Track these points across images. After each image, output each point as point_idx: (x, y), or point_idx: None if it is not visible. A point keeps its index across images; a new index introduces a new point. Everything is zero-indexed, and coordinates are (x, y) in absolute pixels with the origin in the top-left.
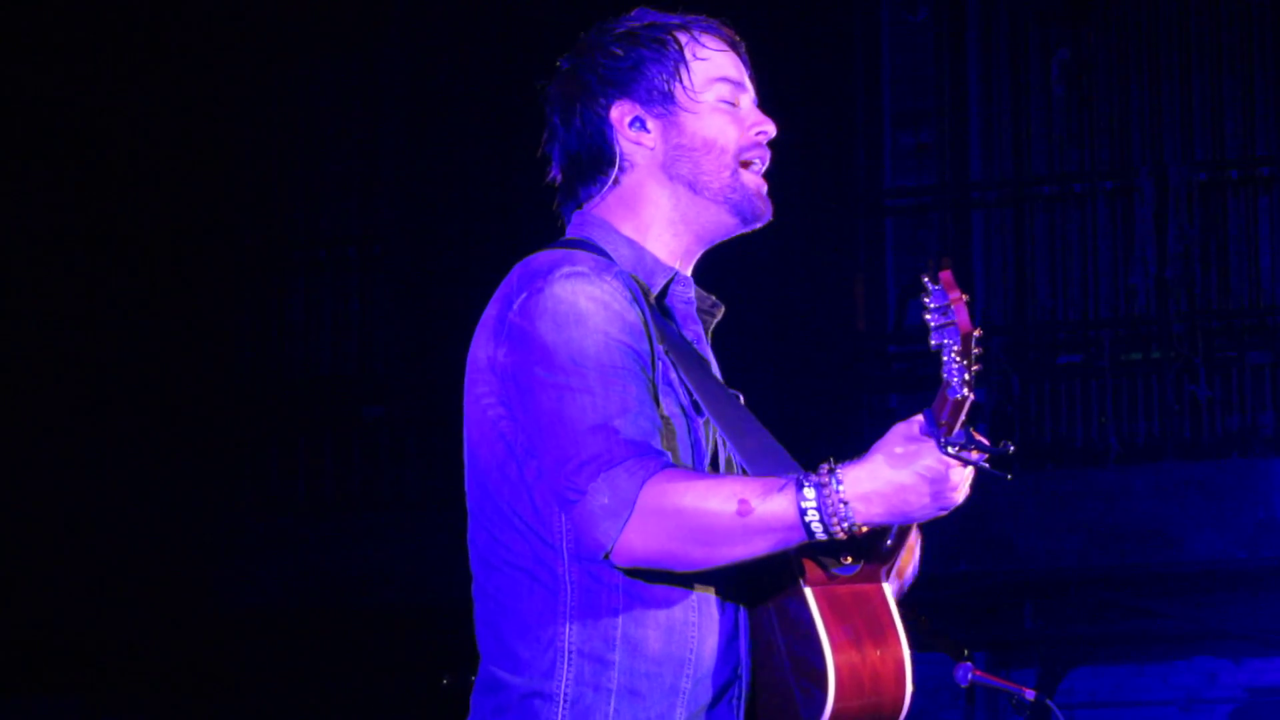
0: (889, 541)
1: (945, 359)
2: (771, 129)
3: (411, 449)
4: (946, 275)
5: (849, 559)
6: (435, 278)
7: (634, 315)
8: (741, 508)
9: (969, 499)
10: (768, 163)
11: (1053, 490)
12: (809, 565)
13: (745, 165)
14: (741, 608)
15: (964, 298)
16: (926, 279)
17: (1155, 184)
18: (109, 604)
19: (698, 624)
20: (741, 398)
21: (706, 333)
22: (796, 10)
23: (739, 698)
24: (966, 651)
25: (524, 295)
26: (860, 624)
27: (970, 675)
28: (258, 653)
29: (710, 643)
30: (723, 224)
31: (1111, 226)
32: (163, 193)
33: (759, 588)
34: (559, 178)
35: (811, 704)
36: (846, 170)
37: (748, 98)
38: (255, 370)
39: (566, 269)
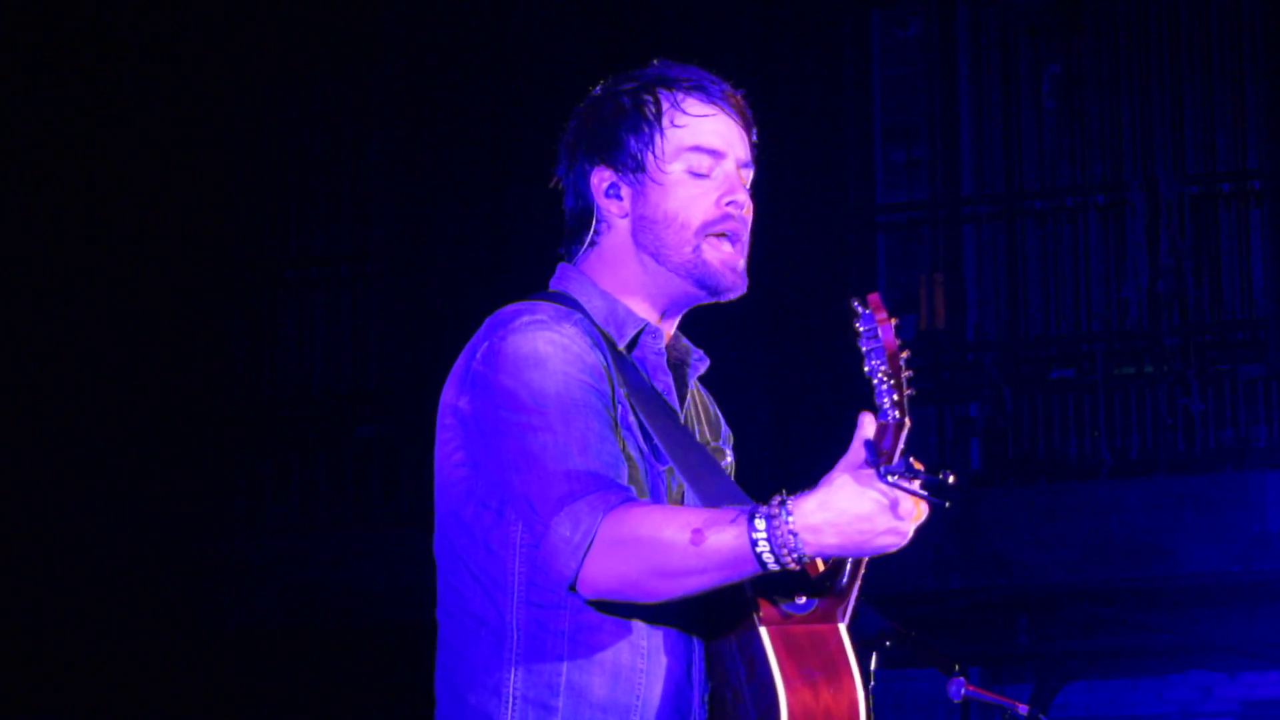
0: (843, 579)
1: (875, 383)
2: (743, 199)
3: (404, 468)
4: (874, 297)
5: (803, 598)
6: (428, 296)
7: (593, 358)
8: (694, 538)
9: (955, 512)
10: (743, 235)
11: (1046, 505)
12: (764, 604)
13: (718, 237)
14: (696, 656)
15: (891, 320)
16: (855, 303)
17: (1147, 197)
18: (100, 623)
19: (645, 670)
20: (729, 445)
21: (686, 383)
22: (787, 26)
23: None
24: (958, 666)
25: (486, 344)
26: (814, 664)
27: (964, 690)
28: (250, 672)
29: (657, 689)
30: (688, 294)
31: (1103, 240)
32: (154, 210)
33: (717, 632)
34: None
35: None
36: (838, 186)
37: (724, 167)
38: (248, 389)
39: (526, 318)
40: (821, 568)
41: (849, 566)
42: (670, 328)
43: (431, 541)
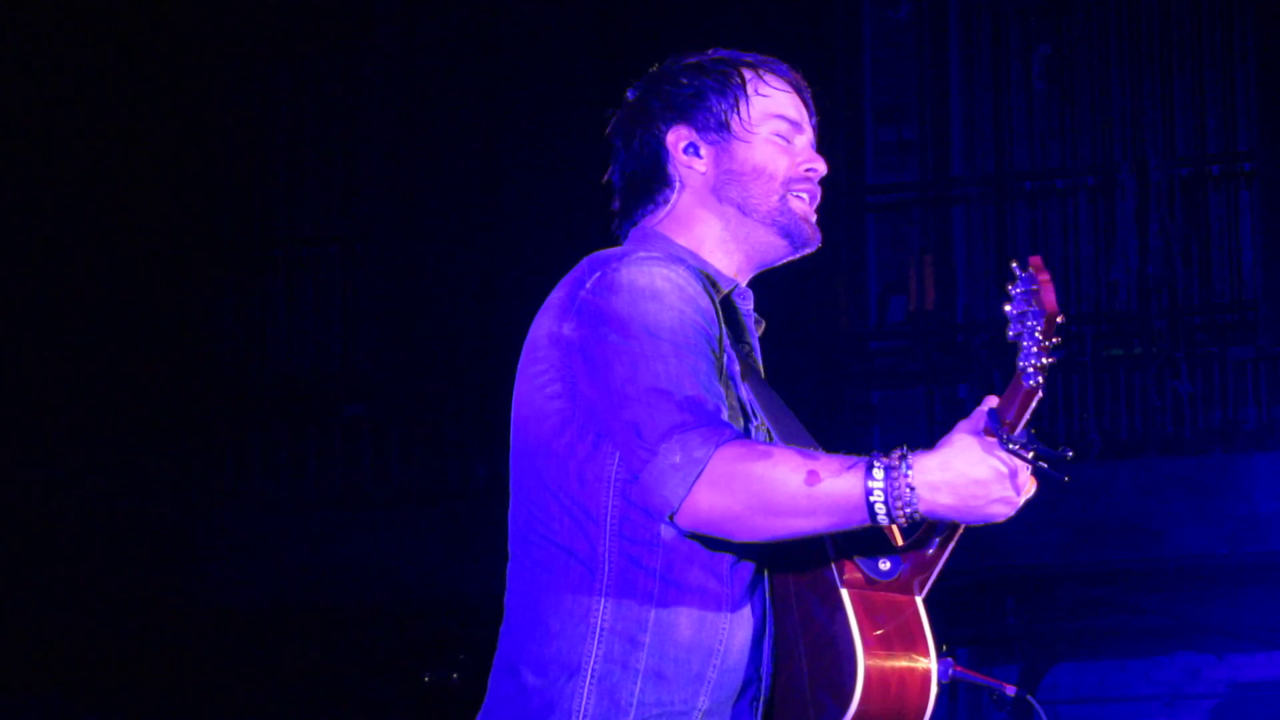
0: (930, 549)
1: (1025, 344)
2: (822, 167)
3: (394, 447)
4: (1036, 260)
5: (886, 564)
6: (418, 276)
7: (706, 302)
8: (810, 478)
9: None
10: (818, 199)
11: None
12: (848, 566)
13: (794, 195)
14: (769, 609)
15: (1052, 282)
16: (1015, 265)
17: (1137, 179)
18: (89, 601)
19: (730, 617)
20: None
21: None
22: (778, 7)
23: (758, 699)
24: (945, 647)
25: (598, 274)
26: (892, 630)
27: (951, 671)
28: (240, 650)
29: (740, 637)
30: (771, 245)
31: (1093, 222)
32: (144, 189)
33: (791, 589)
34: (616, 195)
35: (824, 717)
36: (828, 166)
37: (803, 139)
38: (237, 368)
39: (642, 253)
40: (899, 540)
41: (939, 538)
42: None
43: (423, 519)
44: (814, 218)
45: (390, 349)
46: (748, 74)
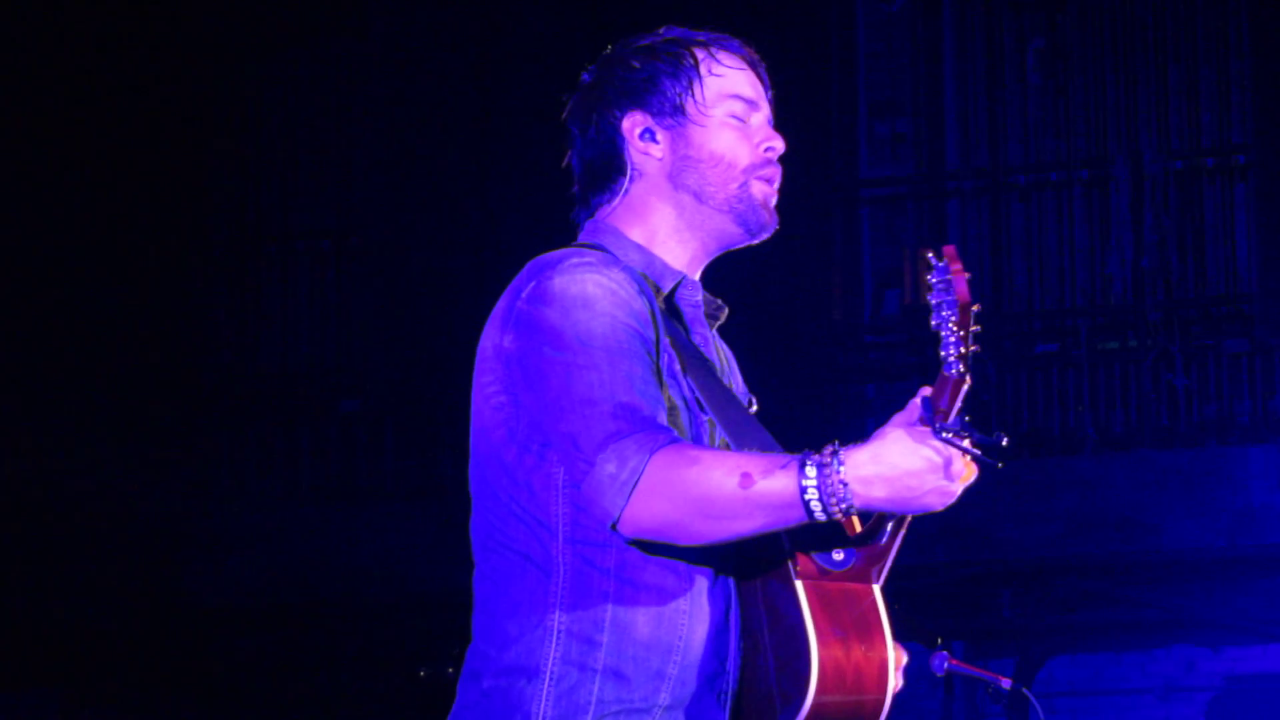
0: (882, 538)
1: (944, 334)
2: (780, 145)
3: (388, 442)
4: (950, 249)
5: (840, 554)
6: (411, 270)
7: (640, 304)
8: (743, 481)
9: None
10: (779, 179)
11: (1030, 479)
12: (801, 558)
13: (756, 180)
14: (734, 602)
15: (965, 273)
16: (930, 254)
17: (1131, 173)
18: (85, 598)
19: (689, 612)
20: (754, 403)
21: (713, 334)
22: (772, 1)
23: (726, 693)
24: (941, 640)
25: (532, 284)
26: (848, 620)
27: (947, 664)
28: (235, 646)
29: (700, 632)
30: (727, 232)
31: (1088, 215)
32: (136, 185)
33: (753, 580)
34: (574, 183)
35: (789, 708)
36: (822, 160)
37: (760, 116)
38: (231, 363)
39: (574, 260)
40: (858, 527)
41: (889, 526)
42: (697, 275)
43: (417, 514)
44: (774, 199)
45: (384, 344)
46: (700, 54)
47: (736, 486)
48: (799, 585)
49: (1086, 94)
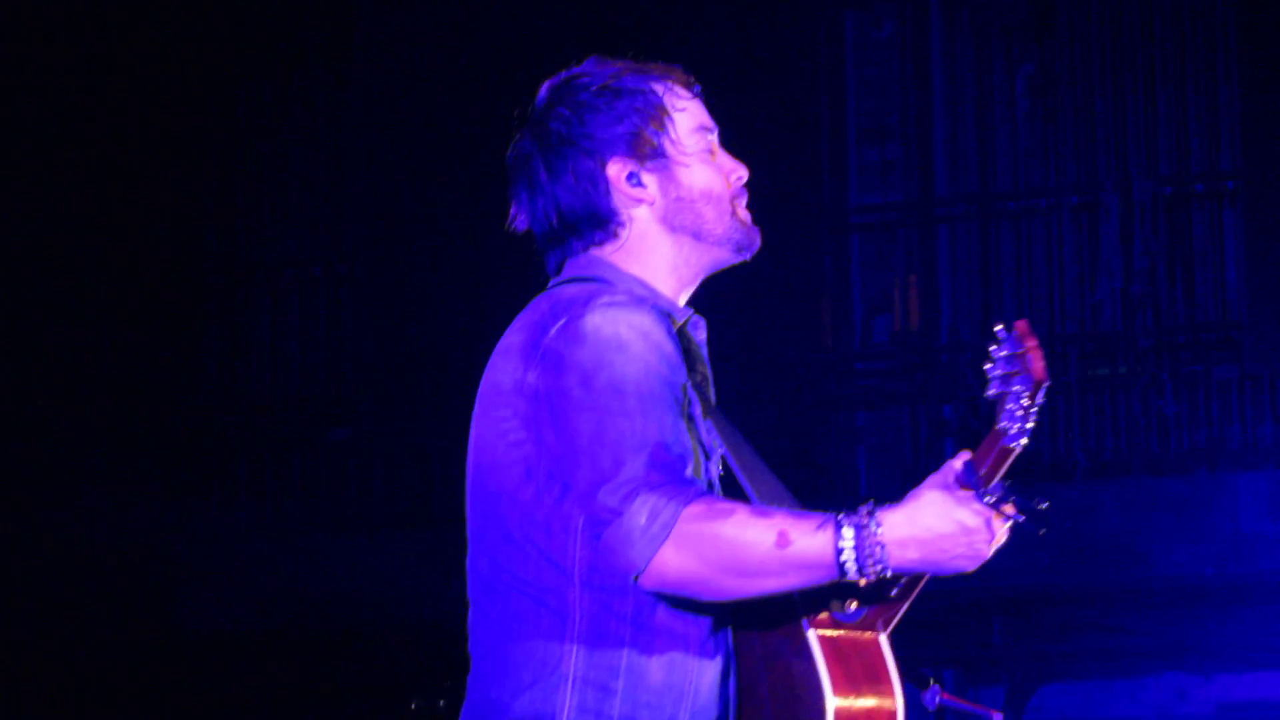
0: (894, 591)
1: (1008, 406)
2: (745, 173)
3: (378, 471)
4: (1023, 324)
5: (853, 604)
6: (402, 298)
7: (670, 348)
8: (780, 540)
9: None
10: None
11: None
12: (814, 609)
13: (738, 207)
14: (731, 648)
15: (1040, 349)
16: (1000, 328)
17: (1120, 199)
18: (72, 624)
19: (698, 658)
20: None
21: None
22: (761, 26)
23: None
24: (931, 680)
25: (562, 321)
26: (859, 670)
27: (938, 699)
28: (225, 675)
29: (709, 677)
30: (721, 260)
31: (1077, 241)
32: (126, 212)
33: (755, 628)
34: (542, 226)
35: None
36: (812, 187)
37: (715, 140)
38: (221, 391)
39: (606, 298)
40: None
41: (904, 580)
42: (683, 301)
43: (408, 543)
44: (750, 218)
45: (375, 372)
46: (659, 88)
47: (772, 546)
48: (811, 634)
49: (1076, 120)
